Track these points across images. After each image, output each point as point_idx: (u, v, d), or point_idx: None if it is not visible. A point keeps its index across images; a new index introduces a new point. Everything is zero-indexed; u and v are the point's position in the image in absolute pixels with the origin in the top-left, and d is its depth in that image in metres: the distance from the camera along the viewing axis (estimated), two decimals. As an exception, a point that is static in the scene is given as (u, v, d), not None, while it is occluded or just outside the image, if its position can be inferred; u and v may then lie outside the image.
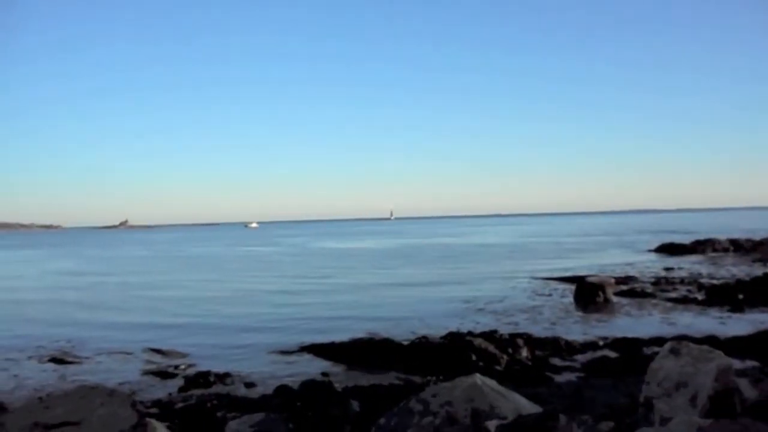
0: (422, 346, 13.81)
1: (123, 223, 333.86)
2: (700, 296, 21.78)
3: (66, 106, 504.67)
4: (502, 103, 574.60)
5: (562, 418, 4.90)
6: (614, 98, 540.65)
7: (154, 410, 9.89)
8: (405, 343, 14.37)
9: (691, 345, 5.36)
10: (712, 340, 12.51)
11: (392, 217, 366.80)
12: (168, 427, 7.04)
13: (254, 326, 19.07)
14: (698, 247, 44.19)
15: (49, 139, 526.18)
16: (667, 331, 15.90)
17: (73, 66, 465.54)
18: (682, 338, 8.65)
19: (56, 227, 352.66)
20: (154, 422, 6.27)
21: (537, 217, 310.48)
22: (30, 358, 15.44)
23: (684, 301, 21.13)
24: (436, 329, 16.49)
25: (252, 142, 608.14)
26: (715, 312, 18.90)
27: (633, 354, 12.98)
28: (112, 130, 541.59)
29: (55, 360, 15.00)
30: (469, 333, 15.03)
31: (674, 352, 5.25)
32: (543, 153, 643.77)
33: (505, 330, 15.98)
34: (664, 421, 4.71)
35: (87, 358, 15.29)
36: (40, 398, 10.39)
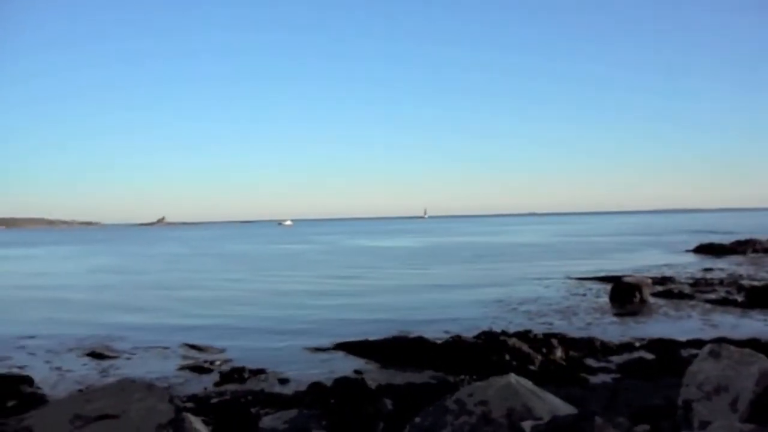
0: (456, 345, 13.78)
1: (160, 220, 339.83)
2: (740, 298, 21.28)
3: (102, 107, 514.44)
4: (535, 104, 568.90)
5: (598, 420, 4.85)
6: (645, 100, 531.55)
7: (189, 404, 10.05)
8: (438, 342, 14.35)
9: (732, 348, 5.27)
10: (753, 343, 12.17)
11: (426, 216, 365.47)
12: (203, 422, 7.14)
13: (288, 324, 19.24)
14: (738, 247, 43.17)
15: (89, 138, 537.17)
16: (705, 333, 15.59)
17: (106, 64, 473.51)
18: (721, 341, 8.49)
19: (95, 224, 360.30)
20: (190, 416, 6.37)
21: (572, 216, 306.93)
22: (70, 351, 15.82)
23: (723, 302, 20.69)
24: (470, 328, 16.43)
25: (285, 141, 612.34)
26: (756, 314, 18.47)
27: (670, 356, 12.76)
28: (147, 129, 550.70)
29: (94, 354, 15.33)
30: (503, 332, 14.94)
31: (714, 354, 5.16)
32: (578, 152, 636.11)
33: (539, 330, 15.87)
34: (704, 424, 4.64)
35: (125, 352, 15.60)
36: (81, 391, 10.66)
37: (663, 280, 26.67)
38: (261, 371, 13.06)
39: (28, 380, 12.26)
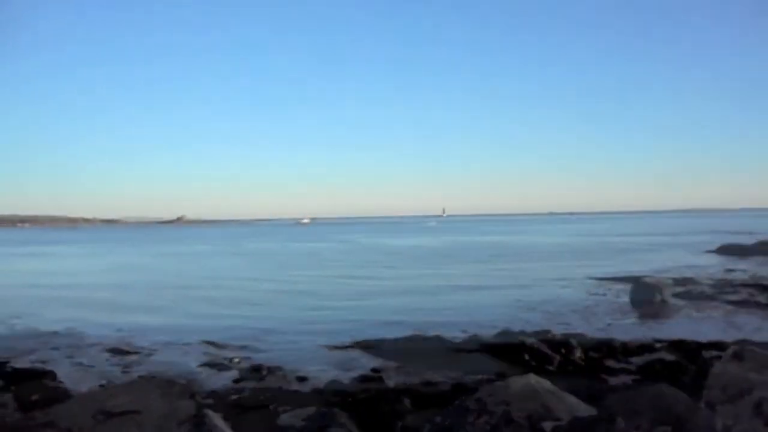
0: (474, 344, 13.76)
1: (180, 219, 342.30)
2: (763, 299, 21.01)
3: (121, 105, 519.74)
4: (553, 105, 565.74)
5: (620, 421, 4.82)
6: (662, 99, 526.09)
7: (209, 401, 10.11)
8: (457, 341, 14.34)
9: (756, 350, 5.21)
10: (776, 346, 12.05)
11: (444, 215, 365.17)
12: (223, 418, 7.20)
13: (306, 323, 19.30)
14: (762, 248, 42.56)
15: (110, 137, 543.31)
16: (728, 334, 15.38)
17: (124, 61, 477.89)
18: (744, 343, 8.39)
19: (116, 222, 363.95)
20: (210, 413, 6.43)
21: (591, 216, 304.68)
22: (92, 347, 16.00)
23: (746, 304, 20.42)
24: (488, 328, 16.38)
25: (303, 141, 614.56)
26: (780, 316, 18.22)
27: (692, 357, 12.64)
28: (166, 128, 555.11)
29: (116, 351, 15.49)
30: (522, 332, 14.89)
31: (738, 356, 5.10)
32: (597, 152, 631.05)
33: (558, 330, 15.79)
34: (727, 428, 4.59)
35: (146, 349, 15.73)
36: (103, 386, 10.80)
37: (684, 281, 26.34)
38: (279, 369, 13.11)
39: (51, 375, 12.44)
